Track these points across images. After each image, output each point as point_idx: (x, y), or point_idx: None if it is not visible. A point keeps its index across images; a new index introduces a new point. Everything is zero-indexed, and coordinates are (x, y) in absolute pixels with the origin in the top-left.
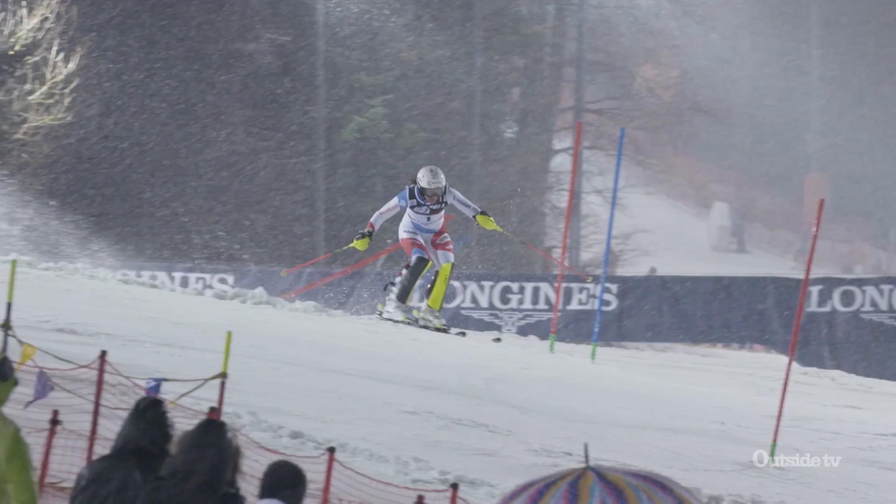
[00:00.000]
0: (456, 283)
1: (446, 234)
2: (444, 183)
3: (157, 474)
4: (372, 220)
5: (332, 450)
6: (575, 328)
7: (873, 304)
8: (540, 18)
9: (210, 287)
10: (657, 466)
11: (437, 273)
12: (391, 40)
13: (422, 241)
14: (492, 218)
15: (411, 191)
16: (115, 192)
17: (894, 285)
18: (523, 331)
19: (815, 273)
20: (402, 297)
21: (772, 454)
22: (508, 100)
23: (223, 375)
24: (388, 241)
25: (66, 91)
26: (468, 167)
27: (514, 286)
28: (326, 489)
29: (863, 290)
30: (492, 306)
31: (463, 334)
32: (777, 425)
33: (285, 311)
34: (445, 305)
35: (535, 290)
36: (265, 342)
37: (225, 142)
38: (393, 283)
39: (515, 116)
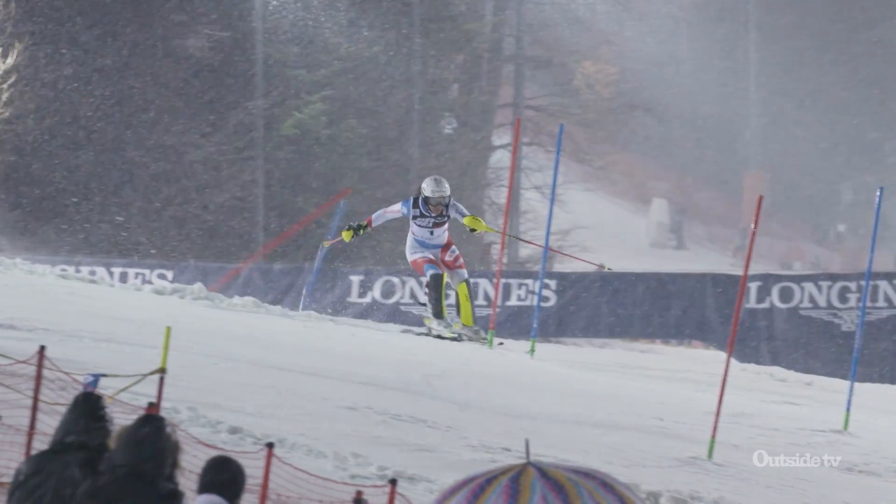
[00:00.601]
0: (395, 279)
1: (454, 248)
2: (448, 193)
3: (95, 469)
4: (373, 216)
5: (270, 445)
6: (514, 324)
7: (812, 300)
8: (479, 15)
9: (149, 282)
10: (596, 462)
11: (456, 293)
12: (330, 36)
13: (431, 256)
14: (480, 219)
15: (415, 200)
16: (53, 188)
17: (833, 282)
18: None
19: (754, 269)
20: (438, 314)
21: (710, 451)
22: (447, 96)
23: (162, 371)
24: (328, 235)
25: (4, 87)
26: (407, 163)
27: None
28: (265, 485)
29: (801, 287)
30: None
31: (501, 344)
32: (716, 422)
33: (224, 306)
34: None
35: (474, 286)
36: (204, 338)
37: (163, 137)
38: (422, 303)
39: (454, 113)
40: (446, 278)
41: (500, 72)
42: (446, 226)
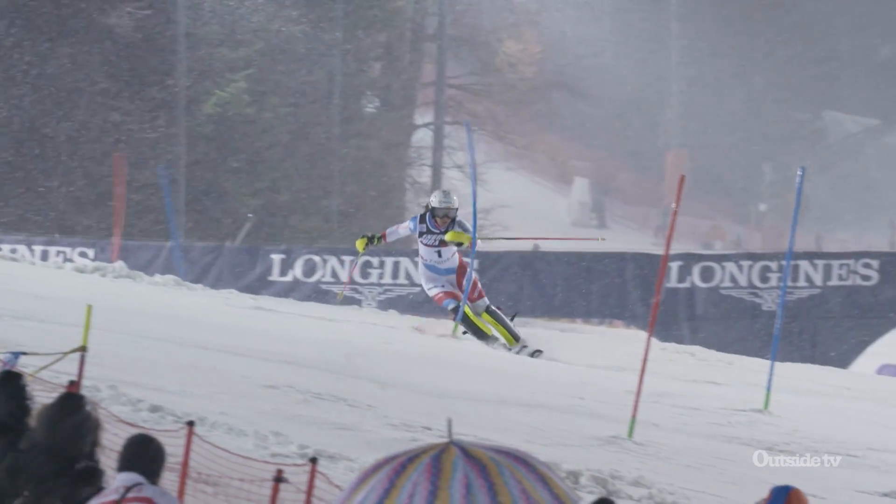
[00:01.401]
0: (316, 258)
1: (471, 273)
2: (455, 206)
3: (16, 448)
4: (387, 231)
5: (191, 423)
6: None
7: (733, 279)
8: None
9: (70, 260)
10: (517, 441)
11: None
12: (252, 14)
13: (450, 289)
14: (462, 231)
15: (422, 216)
16: None
17: (754, 261)
18: (383, 305)
19: (675, 249)
20: (484, 338)
21: (630, 430)
22: (370, 75)
23: (83, 349)
24: (249, 214)
25: None
26: (329, 142)
27: (375, 261)
28: (185, 463)
29: (722, 266)
30: (352, 281)
31: (541, 352)
32: (636, 401)
33: (145, 284)
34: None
35: (396, 265)
36: (125, 316)
37: (85, 114)
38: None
39: (377, 92)
40: (469, 311)
41: (423, 51)
42: (454, 245)
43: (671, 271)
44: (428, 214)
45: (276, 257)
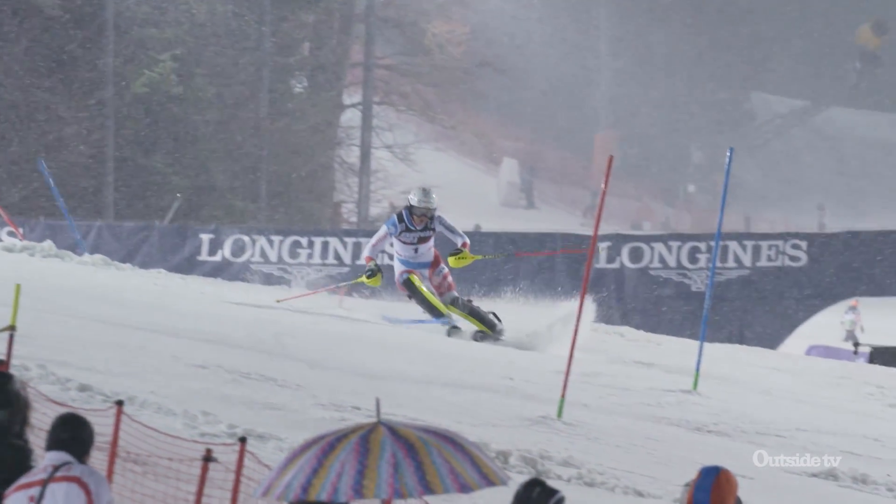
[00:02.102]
0: (245, 238)
1: (442, 267)
2: (434, 205)
3: None
4: (367, 254)
5: (120, 403)
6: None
7: (661, 260)
8: None
9: None
10: (446, 421)
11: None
12: None
13: (414, 271)
14: (465, 252)
15: (399, 215)
16: None
17: (682, 242)
18: (312, 285)
19: (604, 230)
20: (436, 314)
21: (560, 410)
22: (298, 55)
23: (11, 328)
24: (178, 194)
25: None
26: (257, 122)
27: (304, 241)
28: (114, 442)
29: (651, 247)
30: (281, 260)
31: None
32: (565, 381)
33: (74, 264)
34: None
35: (325, 245)
36: (54, 295)
37: (12, 94)
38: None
39: (305, 72)
40: (417, 280)
41: (351, 31)
42: (431, 241)
43: (600, 252)
44: (406, 213)
45: (205, 237)
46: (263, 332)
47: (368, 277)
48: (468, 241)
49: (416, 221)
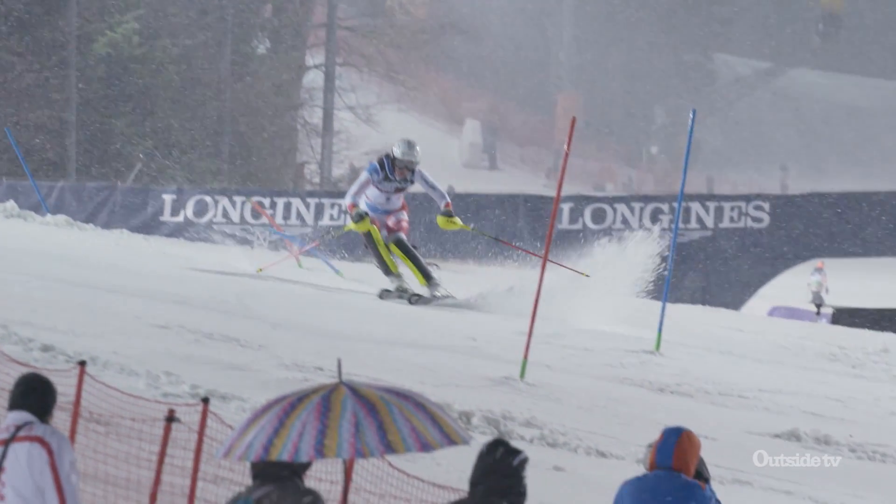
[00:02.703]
0: (207, 199)
1: (402, 213)
2: (418, 159)
3: None
4: (349, 202)
5: (83, 363)
6: (327, 244)
7: (624, 221)
8: None
9: None
10: (408, 382)
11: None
12: None
13: (374, 218)
14: (456, 217)
15: (381, 163)
16: None
17: (645, 203)
18: (274, 246)
19: (567, 191)
20: (386, 271)
21: (522, 371)
22: (261, 16)
23: None
24: (140, 155)
25: None
26: (220, 83)
27: (266, 201)
28: (77, 402)
29: (614, 208)
30: (243, 221)
31: (453, 297)
32: (528, 342)
33: (37, 224)
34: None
35: (287, 206)
36: (16, 255)
37: None
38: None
39: (267, 33)
40: (378, 235)
41: None
42: (403, 194)
43: (563, 213)
44: (387, 162)
45: (168, 197)
46: (226, 292)
47: (356, 223)
48: (449, 200)
49: (397, 173)
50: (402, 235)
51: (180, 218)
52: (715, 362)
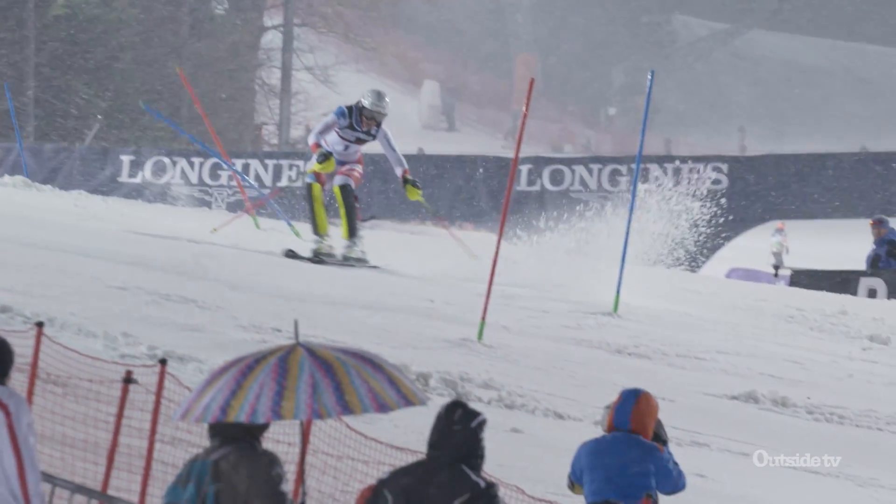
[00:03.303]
0: (166, 160)
1: (356, 165)
2: (387, 112)
3: None
4: (313, 141)
5: (40, 324)
6: (284, 205)
7: (583, 182)
8: None
9: None
10: (366, 343)
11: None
12: None
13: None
14: (420, 190)
15: (349, 109)
16: None
17: (603, 165)
18: (232, 207)
19: (525, 152)
20: (314, 230)
21: (480, 332)
22: None
23: None
24: (98, 116)
25: None
26: (179, 43)
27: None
28: (34, 364)
29: (572, 170)
30: (202, 182)
31: (366, 262)
32: (486, 303)
33: None
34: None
35: (245, 167)
36: None
37: None
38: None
39: None
40: (319, 194)
41: None
42: (362, 147)
43: (521, 175)
44: (355, 110)
45: (126, 158)
46: (183, 253)
47: (321, 163)
48: (407, 167)
49: (364, 123)
50: (351, 182)
51: (138, 179)
52: (673, 324)
